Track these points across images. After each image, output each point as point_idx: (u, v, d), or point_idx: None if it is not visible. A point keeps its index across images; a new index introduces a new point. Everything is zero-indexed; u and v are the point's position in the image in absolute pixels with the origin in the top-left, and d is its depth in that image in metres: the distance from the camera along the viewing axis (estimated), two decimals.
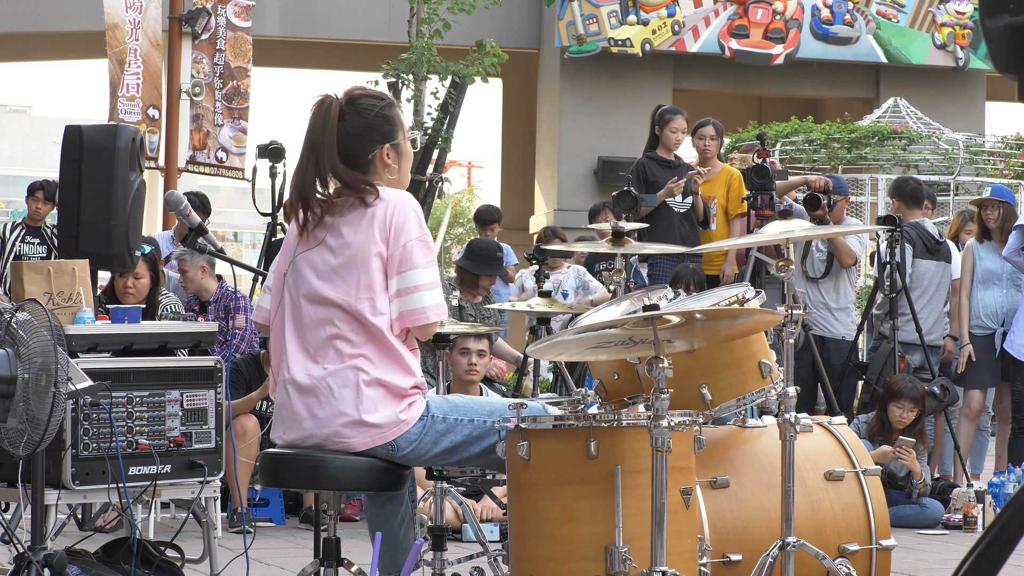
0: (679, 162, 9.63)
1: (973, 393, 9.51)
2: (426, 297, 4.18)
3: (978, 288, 9.47)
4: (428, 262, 4.22)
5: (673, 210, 9.39)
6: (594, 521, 3.97)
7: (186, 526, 5.67)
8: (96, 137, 5.47)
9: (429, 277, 4.21)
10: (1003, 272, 9.44)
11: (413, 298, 4.18)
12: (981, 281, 9.47)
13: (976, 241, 9.57)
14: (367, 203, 4.21)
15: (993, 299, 9.44)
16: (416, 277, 4.18)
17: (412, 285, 4.18)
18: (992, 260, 9.46)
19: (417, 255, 4.20)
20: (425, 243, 4.23)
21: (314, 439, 4.19)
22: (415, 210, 4.24)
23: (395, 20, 17.33)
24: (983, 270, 9.47)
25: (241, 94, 12.88)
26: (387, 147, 4.30)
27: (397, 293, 4.18)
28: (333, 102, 4.27)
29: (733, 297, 4.47)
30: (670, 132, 9.57)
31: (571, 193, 19.13)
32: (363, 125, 4.27)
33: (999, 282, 9.45)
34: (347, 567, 4.33)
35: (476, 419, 4.27)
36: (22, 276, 5.06)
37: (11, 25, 19.43)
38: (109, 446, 4.77)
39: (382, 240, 4.19)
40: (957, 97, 19.68)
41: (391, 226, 4.19)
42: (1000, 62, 2.57)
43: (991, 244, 9.48)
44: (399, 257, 4.18)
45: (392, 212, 4.20)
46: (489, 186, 34.35)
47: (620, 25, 18.68)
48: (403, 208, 4.21)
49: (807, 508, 4.64)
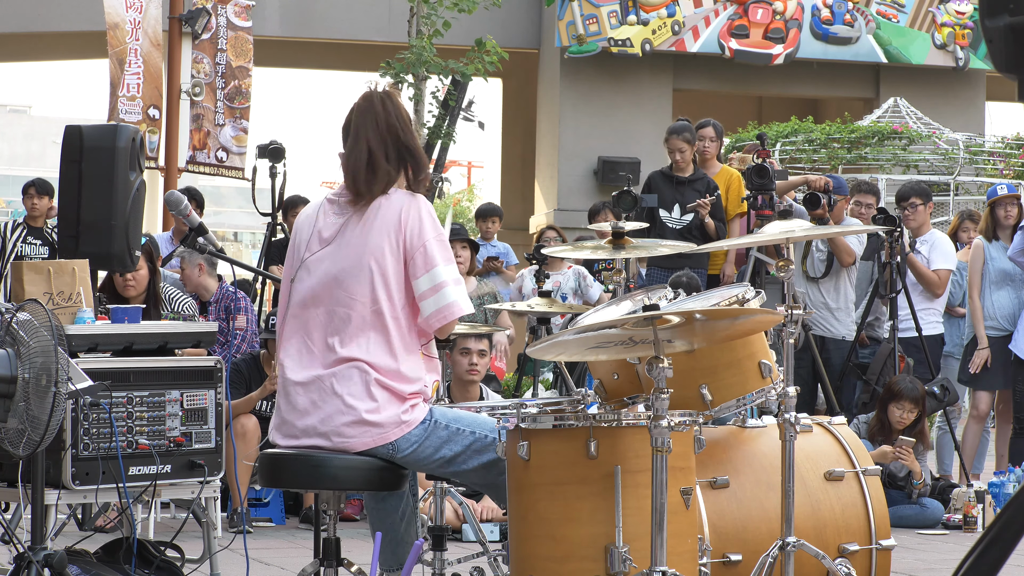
0: (694, 176, 9.55)
1: (982, 395, 9.46)
2: (450, 293, 4.24)
3: (991, 289, 9.38)
4: (447, 259, 4.28)
5: (667, 225, 9.38)
6: (594, 521, 3.97)
7: (186, 526, 5.67)
8: (96, 137, 5.47)
9: (451, 274, 4.27)
10: (1015, 272, 9.32)
11: (439, 296, 4.22)
12: (994, 281, 9.37)
13: (985, 240, 9.48)
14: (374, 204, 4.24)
15: (1009, 300, 9.35)
16: (438, 275, 4.24)
17: (439, 283, 4.23)
18: (1005, 260, 9.34)
19: (436, 254, 4.25)
20: (442, 241, 4.29)
21: (315, 433, 4.19)
22: (428, 210, 4.29)
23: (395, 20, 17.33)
24: (996, 270, 9.35)
25: (243, 94, 12.88)
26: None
27: (424, 294, 4.22)
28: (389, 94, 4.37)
29: (733, 297, 4.47)
30: (667, 151, 9.57)
31: (571, 193, 19.12)
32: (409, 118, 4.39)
33: (1012, 283, 9.35)
34: (347, 567, 4.33)
35: (478, 432, 4.29)
36: (22, 276, 5.06)
37: (11, 25, 19.42)
38: (109, 446, 4.77)
39: (397, 242, 4.22)
40: (957, 97, 19.67)
41: (406, 228, 4.23)
42: (1000, 62, 2.57)
43: (1000, 244, 9.39)
44: (421, 258, 4.23)
45: (407, 214, 4.25)
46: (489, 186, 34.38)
47: (620, 25, 18.68)
48: (416, 209, 4.27)
49: (807, 508, 4.64)
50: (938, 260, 9.38)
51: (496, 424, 4.28)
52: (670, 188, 9.48)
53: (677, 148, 9.52)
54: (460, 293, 4.25)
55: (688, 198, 9.42)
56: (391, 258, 4.21)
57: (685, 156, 9.53)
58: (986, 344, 9.26)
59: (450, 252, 4.31)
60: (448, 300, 4.22)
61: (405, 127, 4.35)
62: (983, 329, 9.29)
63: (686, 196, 9.44)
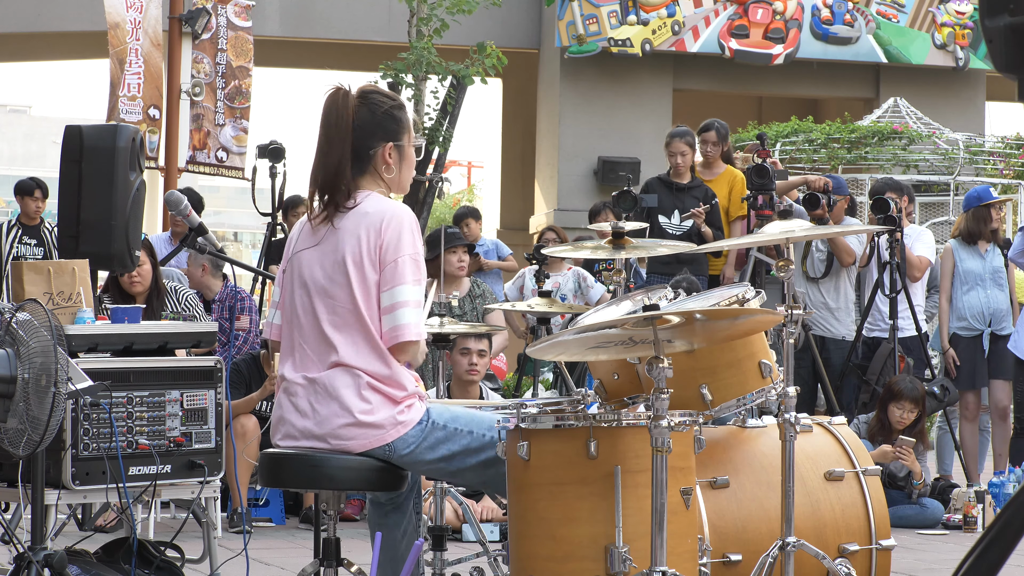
0: (692, 184, 9.54)
1: (967, 395, 9.52)
2: (405, 314, 4.15)
3: (961, 290, 9.48)
4: (415, 280, 4.19)
5: (667, 231, 9.37)
6: (594, 521, 3.97)
7: (186, 526, 5.67)
8: (96, 137, 5.47)
9: (413, 295, 4.17)
10: (985, 272, 9.46)
11: (396, 315, 4.15)
12: (963, 283, 9.48)
13: (958, 243, 9.56)
14: (360, 209, 4.21)
15: (978, 300, 9.45)
16: (401, 293, 4.16)
17: (398, 301, 4.16)
18: (973, 261, 9.48)
19: (407, 272, 4.17)
20: (416, 261, 4.20)
21: (312, 436, 4.19)
22: (411, 225, 4.22)
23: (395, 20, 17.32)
24: (964, 271, 9.48)
25: (243, 94, 12.88)
26: (390, 146, 4.29)
27: (385, 308, 4.17)
28: (347, 93, 4.28)
29: (733, 297, 4.47)
30: (668, 155, 9.54)
31: (571, 193, 19.11)
32: (371, 120, 4.27)
33: (982, 283, 9.46)
34: (347, 567, 4.33)
35: (476, 431, 4.27)
36: (22, 276, 5.06)
37: (11, 25, 19.42)
38: (109, 446, 4.77)
39: (374, 251, 4.17)
40: (957, 97, 19.66)
41: (384, 240, 4.17)
42: (1000, 62, 2.57)
43: (973, 247, 9.50)
44: (390, 272, 4.17)
45: (388, 225, 4.18)
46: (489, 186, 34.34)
47: (620, 25, 18.67)
48: (399, 222, 4.19)
49: (807, 508, 4.64)
50: (919, 248, 9.52)
51: (495, 423, 4.27)
52: (669, 195, 9.45)
53: (679, 151, 9.49)
54: (414, 316, 4.16)
55: (688, 204, 9.40)
56: (368, 265, 4.17)
57: (686, 160, 9.51)
58: (948, 346, 9.44)
59: (421, 273, 4.22)
60: (400, 321, 4.14)
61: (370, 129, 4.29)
62: (947, 331, 9.47)
63: (686, 203, 9.41)
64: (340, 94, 4.27)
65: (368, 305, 4.17)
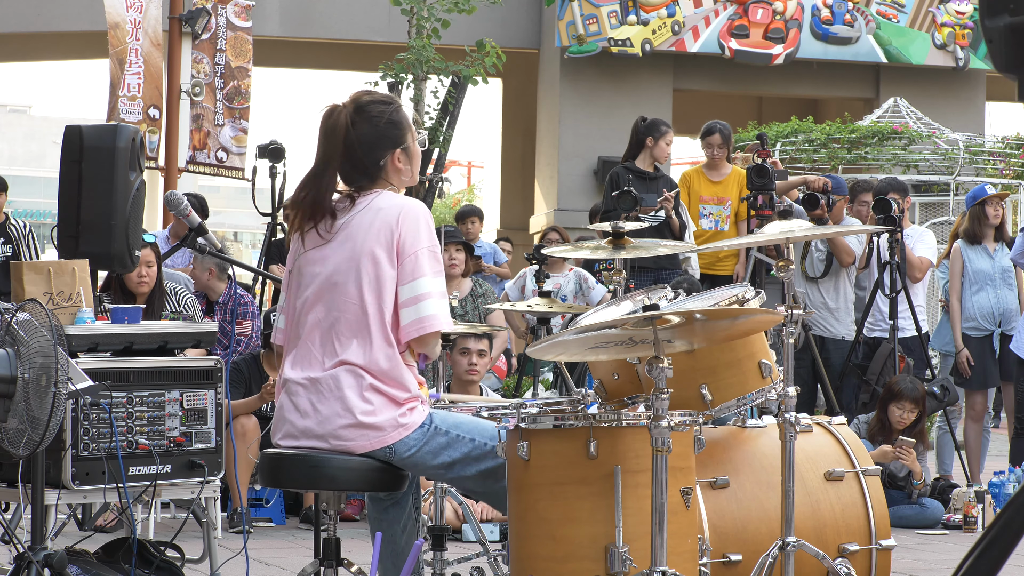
0: (658, 174, 9.59)
1: (976, 395, 9.51)
2: (430, 305, 4.17)
3: (970, 290, 9.47)
4: (435, 272, 4.21)
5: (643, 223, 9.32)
6: (594, 521, 3.97)
7: (186, 526, 5.67)
8: (96, 137, 5.47)
9: (436, 287, 4.19)
10: (995, 272, 9.45)
11: (419, 307, 4.17)
12: (972, 283, 9.47)
13: (964, 244, 9.55)
14: (373, 205, 4.22)
15: (987, 300, 9.44)
16: (422, 286, 4.18)
17: (421, 293, 4.17)
18: (982, 261, 9.47)
19: (426, 264, 4.19)
20: (434, 253, 4.22)
21: (313, 435, 4.18)
22: (426, 219, 4.24)
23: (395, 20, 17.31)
24: (973, 272, 9.46)
25: (242, 94, 12.87)
26: (398, 152, 4.32)
27: (406, 302, 4.18)
28: (342, 111, 4.27)
29: (733, 297, 4.47)
30: (665, 145, 9.52)
31: (571, 193, 19.12)
32: (374, 134, 4.28)
33: (991, 283, 9.45)
34: (347, 567, 4.33)
35: (478, 439, 4.26)
36: (22, 276, 5.06)
37: (11, 25, 19.42)
38: (109, 446, 4.77)
39: (391, 246, 4.19)
40: (957, 97, 19.67)
41: (401, 234, 4.19)
42: (1000, 62, 2.57)
43: (983, 247, 9.49)
44: (410, 266, 4.18)
45: (403, 220, 4.20)
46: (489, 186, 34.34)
47: (620, 25, 18.67)
48: (414, 217, 4.21)
49: (807, 508, 4.64)
50: (920, 248, 9.50)
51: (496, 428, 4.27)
52: (641, 185, 9.41)
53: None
54: (441, 307, 4.17)
55: (658, 194, 9.36)
56: (384, 260, 4.18)
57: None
58: (962, 346, 9.43)
59: (440, 265, 4.24)
60: (426, 312, 4.15)
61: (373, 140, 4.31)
62: (960, 332, 9.44)
63: (657, 193, 9.38)
64: (334, 115, 4.27)
65: (376, 304, 4.17)
